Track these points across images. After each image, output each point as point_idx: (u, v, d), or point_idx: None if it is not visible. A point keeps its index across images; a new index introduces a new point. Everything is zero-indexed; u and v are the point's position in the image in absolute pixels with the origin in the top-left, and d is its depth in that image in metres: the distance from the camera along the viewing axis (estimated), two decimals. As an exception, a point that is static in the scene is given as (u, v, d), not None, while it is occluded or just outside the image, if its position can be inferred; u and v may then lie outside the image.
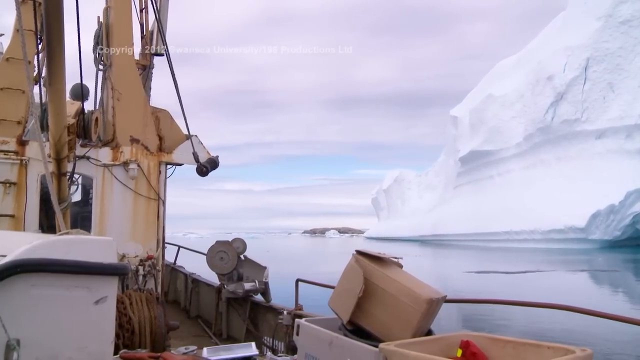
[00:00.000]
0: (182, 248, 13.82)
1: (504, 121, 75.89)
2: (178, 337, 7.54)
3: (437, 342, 3.19)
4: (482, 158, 79.99)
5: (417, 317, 3.33)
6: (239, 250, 9.04)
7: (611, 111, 61.84)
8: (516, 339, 3.06)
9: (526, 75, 74.02)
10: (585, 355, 2.69)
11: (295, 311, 7.15)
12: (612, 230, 58.52)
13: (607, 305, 18.29)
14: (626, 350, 10.60)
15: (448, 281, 28.70)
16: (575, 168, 64.07)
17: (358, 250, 3.72)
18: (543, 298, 20.62)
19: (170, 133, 8.12)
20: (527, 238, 64.21)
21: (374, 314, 3.51)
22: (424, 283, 3.61)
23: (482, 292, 21.28)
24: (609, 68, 62.36)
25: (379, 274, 3.54)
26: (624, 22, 62.03)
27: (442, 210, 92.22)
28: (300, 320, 3.99)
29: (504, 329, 12.69)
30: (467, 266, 41.60)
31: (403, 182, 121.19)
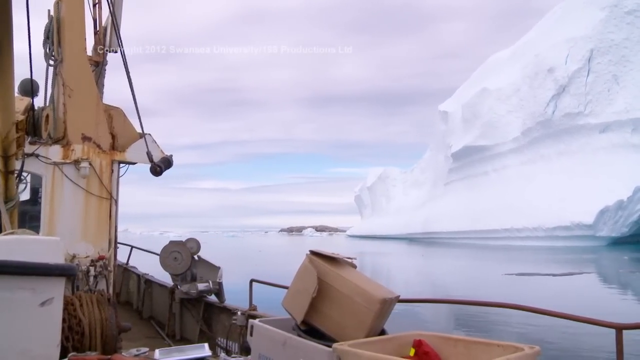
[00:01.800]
0: (135, 248, 13.32)
1: (500, 115, 73.87)
2: (130, 338, 7.32)
3: (391, 341, 3.23)
4: (477, 153, 77.87)
5: (370, 317, 3.37)
6: (192, 251, 8.95)
7: (616, 104, 60.09)
8: (467, 338, 3.13)
9: (523, 69, 72.07)
10: (532, 353, 2.74)
11: (249, 312, 7.15)
12: (619, 226, 56.70)
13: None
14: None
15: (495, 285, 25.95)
16: (577, 163, 62.19)
17: (312, 250, 3.70)
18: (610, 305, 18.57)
19: (123, 131, 7.82)
20: (530, 235, 62.12)
21: (328, 314, 3.53)
22: (377, 283, 3.65)
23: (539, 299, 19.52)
24: (613, 60, 60.61)
25: (333, 274, 3.56)
26: (629, 12, 60.33)
27: (433, 208, 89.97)
28: (254, 320, 4.00)
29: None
30: (475, 265, 39.68)
31: (387, 179, 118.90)
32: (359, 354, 2.87)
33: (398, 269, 38.91)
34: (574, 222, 56.59)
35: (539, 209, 61.04)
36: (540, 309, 4.44)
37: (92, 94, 7.66)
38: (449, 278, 30.44)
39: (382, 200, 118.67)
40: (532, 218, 61.77)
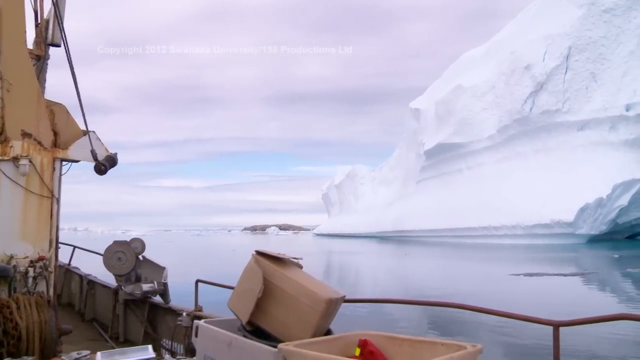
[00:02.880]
0: (77, 248, 12.93)
1: (475, 113, 73.32)
2: (71, 341, 7.25)
3: (336, 341, 3.25)
4: (450, 151, 77.26)
5: (316, 317, 3.38)
6: (137, 251, 8.81)
7: (594, 102, 60.04)
8: (412, 337, 3.15)
9: (498, 66, 71.68)
10: (475, 351, 2.79)
11: (194, 312, 7.05)
12: (599, 224, 56.67)
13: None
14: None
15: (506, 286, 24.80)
16: (555, 161, 61.99)
17: (257, 250, 3.70)
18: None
19: (66, 128, 7.51)
20: (508, 233, 61.56)
21: (274, 314, 3.53)
22: (322, 283, 3.67)
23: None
24: (591, 57, 60.54)
25: (279, 274, 3.55)
26: (606, 10, 60.34)
27: (404, 206, 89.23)
28: (199, 321, 3.95)
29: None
30: (464, 264, 38.91)
31: (356, 177, 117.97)
32: (304, 354, 2.87)
33: (375, 268, 38.12)
34: (554, 220, 56.23)
35: (517, 206, 60.58)
36: (483, 308, 4.48)
37: (32, 89, 7.31)
38: (438, 277, 29.28)
39: (351, 199, 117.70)
40: (510, 216, 61.26)
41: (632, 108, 57.81)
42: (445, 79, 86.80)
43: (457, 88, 76.67)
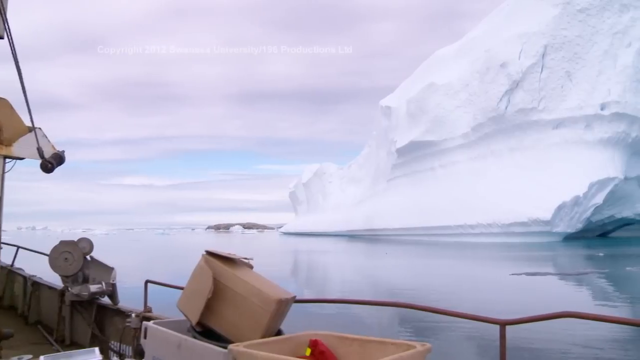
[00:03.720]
0: (21, 248, 12.07)
1: (448, 111, 73.11)
2: (12, 346, 6.89)
3: (287, 341, 3.25)
4: (423, 149, 76.93)
5: (266, 318, 3.38)
6: (84, 251, 8.56)
7: (569, 100, 60.26)
8: (362, 337, 3.16)
9: (472, 64, 71.57)
10: (424, 350, 2.83)
11: (144, 313, 6.87)
12: (575, 222, 56.87)
13: None
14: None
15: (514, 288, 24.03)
16: (530, 159, 62.05)
17: (207, 250, 3.69)
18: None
19: (10, 124, 6.92)
20: (484, 232, 61.33)
21: (224, 315, 3.52)
22: (273, 283, 3.65)
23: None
24: (567, 56, 60.77)
25: (229, 274, 3.56)
26: (581, 10, 60.67)
27: (375, 204, 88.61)
28: (148, 322, 3.94)
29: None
30: (449, 263, 38.32)
31: (324, 175, 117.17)
32: (254, 355, 2.87)
33: (346, 267, 37.18)
34: (531, 218, 56.16)
35: (493, 204, 60.39)
36: (432, 307, 4.58)
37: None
38: (414, 276, 28.43)
39: (319, 197, 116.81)
40: (486, 214, 61.01)
41: (606, 107, 58.26)
42: (417, 77, 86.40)
43: (430, 86, 76.34)
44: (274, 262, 40.70)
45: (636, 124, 58.45)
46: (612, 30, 59.71)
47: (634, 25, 59.54)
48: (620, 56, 59.01)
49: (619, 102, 57.47)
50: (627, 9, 59.93)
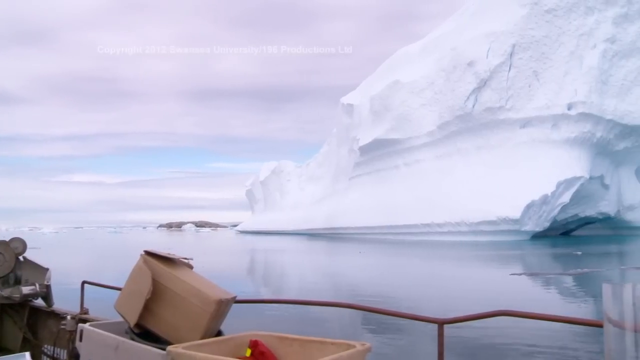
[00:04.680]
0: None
1: (413, 108, 72.90)
2: None
3: (227, 342, 3.26)
4: (387, 147, 76.52)
5: (206, 318, 3.37)
6: (17, 251, 7.88)
7: (537, 100, 60.80)
8: (303, 337, 3.20)
9: (437, 62, 71.58)
10: (364, 349, 2.87)
11: (79, 315, 6.53)
12: (543, 221, 57.40)
13: None
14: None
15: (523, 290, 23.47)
16: (498, 158, 62.31)
17: (146, 250, 3.66)
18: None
19: None
20: (452, 230, 61.25)
21: (163, 316, 3.48)
22: (213, 284, 3.64)
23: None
24: (534, 56, 61.28)
25: (168, 274, 3.51)
26: (549, 10, 61.29)
27: (337, 202, 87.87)
28: (84, 325, 3.82)
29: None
30: (419, 263, 38.04)
31: (282, 173, 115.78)
32: (193, 356, 2.84)
33: (306, 266, 35.94)
34: (500, 216, 56.31)
35: (460, 203, 60.34)
36: (371, 307, 4.58)
37: None
38: (383, 276, 27.76)
39: (276, 195, 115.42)
40: (454, 212, 60.93)
41: (573, 107, 59.01)
42: (380, 74, 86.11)
43: (394, 83, 76.02)
44: (231, 260, 39.75)
45: (601, 125, 59.44)
46: (578, 32, 60.55)
47: (598, 28, 60.52)
48: (585, 57, 59.87)
49: (585, 102, 58.30)
50: (592, 12, 60.88)
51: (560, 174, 57.03)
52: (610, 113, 59.11)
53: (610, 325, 1.30)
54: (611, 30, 60.01)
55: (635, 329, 1.26)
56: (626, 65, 60.20)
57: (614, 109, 59.24)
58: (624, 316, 1.28)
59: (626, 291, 1.27)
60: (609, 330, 1.30)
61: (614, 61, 60.05)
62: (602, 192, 62.01)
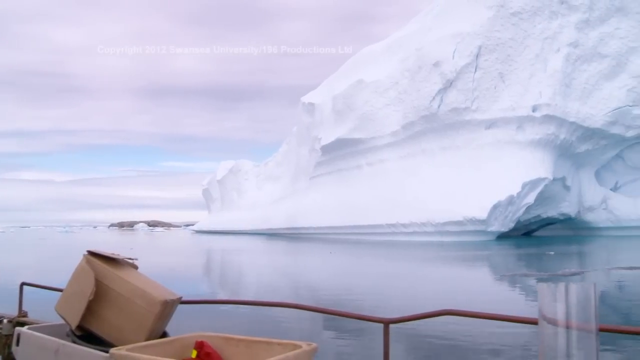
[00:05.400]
0: None
1: (377, 108, 72.72)
2: None
3: (172, 344, 3.22)
4: (350, 146, 76.15)
5: (150, 319, 3.33)
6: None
7: (502, 101, 61.38)
8: (249, 338, 3.21)
9: (402, 62, 71.58)
10: (310, 349, 2.90)
11: (17, 318, 6.28)
12: (508, 221, 57.94)
13: None
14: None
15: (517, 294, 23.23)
16: (463, 158, 62.64)
17: (89, 250, 3.61)
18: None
19: None
20: (418, 230, 61.24)
21: (106, 317, 3.43)
22: (158, 284, 3.60)
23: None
24: (500, 58, 61.87)
25: (112, 275, 3.45)
26: (514, 13, 61.97)
27: (297, 202, 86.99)
28: (22, 328, 3.71)
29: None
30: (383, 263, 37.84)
31: (239, 172, 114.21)
32: (137, 358, 2.82)
33: (266, 266, 35.49)
34: (467, 217, 56.54)
35: (426, 203, 60.40)
36: (318, 307, 4.64)
37: None
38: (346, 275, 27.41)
39: (234, 194, 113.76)
40: (419, 212, 60.92)
41: (538, 109, 59.78)
42: (343, 74, 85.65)
43: (358, 83, 75.71)
44: (186, 261, 39.21)
45: (564, 127, 60.41)
46: (543, 35, 61.41)
47: (562, 32, 61.49)
48: (550, 60, 60.75)
49: (549, 104, 59.13)
50: (556, 16, 61.82)
51: (525, 175, 57.68)
52: (573, 116, 60.12)
53: (545, 322, 1.36)
54: (574, 35, 61.04)
55: (567, 325, 1.32)
56: (588, 70, 61.29)
57: (577, 112, 60.29)
58: (557, 314, 1.34)
59: (559, 290, 1.34)
60: (544, 327, 1.36)
61: (576, 65, 61.10)
62: (563, 194, 63.03)
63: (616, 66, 61.16)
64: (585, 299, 1.36)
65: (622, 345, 10.25)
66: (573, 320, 1.35)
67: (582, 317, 1.35)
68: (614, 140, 63.20)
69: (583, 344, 1.34)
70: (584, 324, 1.35)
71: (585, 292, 1.37)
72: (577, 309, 1.35)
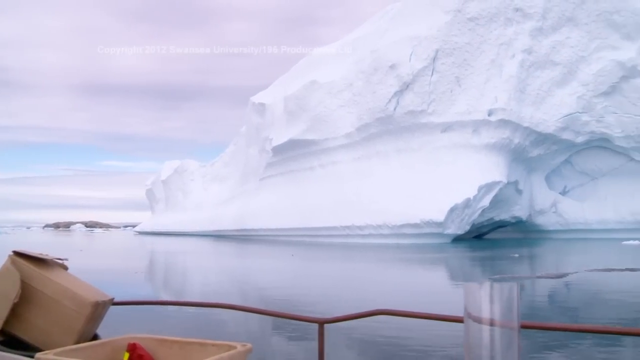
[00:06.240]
0: None
1: (331, 110, 72.23)
2: None
3: (103, 346, 3.12)
4: (302, 148, 75.40)
5: (80, 322, 3.26)
6: None
7: (458, 105, 61.91)
8: (183, 339, 3.16)
9: (357, 64, 71.32)
10: (245, 350, 2.90)
11: None
12: (464, 224, 58.40)
13: None
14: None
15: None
16: (418, 161, 62.85)
17: (15, 250, 3.43)
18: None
19: None
20: (374, 233, 61.00)
21: (33, 321, 3.29)
22: (89, 285, 3.51)
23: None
24: (456, 62, 62.41)
25: (39, 276, 3.31)
26: (471, 18, 62.64)
27: (246, 203, 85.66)
28: None
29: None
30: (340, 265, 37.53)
31: (185, 172, 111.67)
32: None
33: (214, 268, 34.96)
34: (424, 219, 56.66)
35: (382, 205, 60.22)
36: (252, 307, 4.63)
37: None
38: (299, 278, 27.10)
39: (179, 195, 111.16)
40: (375, 215, 60.71)
41: (493, 113, 60.60)
42: (295, 74, 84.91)
43: (311, 84, 75.03)
44: (128, 263, 38.55)
45: (519, 131, 61.48)
46: (499, 41, 62.34)
47: (517, 39, 62.59)
48: (505, 66, 61.73)
49: (504, 109, 60.04)
50: (511, 23, 62.88)
51: (481, 178, 58.28)
52: (527, 121, 61.24)
53: (470, 320, 1.42)
54: (528, 41, 62.22)
55: (491, 323, 1.39)
56: (541, 76, 62.61)
57: (531, 117, 61.45)
58: (481, 312, 1.40)
59: (484, 289, 1.40)
60: (469, 325, 1.42)
61: (530, 71, 62.30)
62: (516, 197, 64.15)
63: (567, 74, 62.74)
64: (509, 298, 1.41)
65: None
66: (497, 318, 1.40)
67: (506, 315, 1.40)
68: (564, 146, 64.85)
69: (506, 340, 1.40)
70: (507, 322, 1.40)
71: (508, 291, 1.42)
72: (501, 308, 1.40)
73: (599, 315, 15.87)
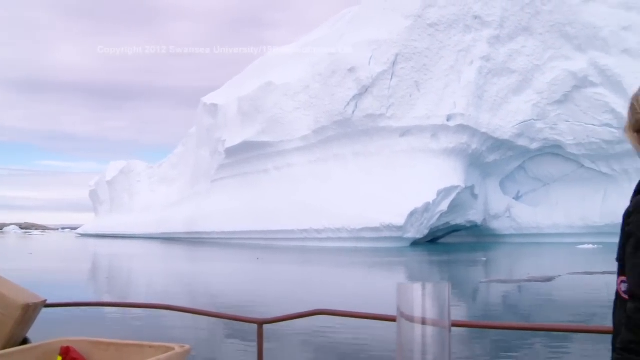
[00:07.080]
0: None
1: (287, 112, 71.44)
2: None
3: (34, 350, 3.05)
4: (257, 150, 74.29)
5: (9, 325, 3.16)
6: None
7: (417, 109, 62.14)
8: (119, 341, 3.11)
9: (314, 66, 70.75)
10: (183, 351, 2.86)
11: None
12: (423, 228, 58.56)
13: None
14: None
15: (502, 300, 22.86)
16: (376, 165, 62.71)
17: None
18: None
19: None
20: (332, 236, 60.46)
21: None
22: (20, 287, 3.40)
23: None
24: (416, 67, 62.66)
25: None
26: (431, 24, 63.03)
27: (197, 205, 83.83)
28: None
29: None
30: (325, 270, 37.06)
31: (131, 173, 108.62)
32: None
33: (163, 271, 34.33)
34: (384, 223, 56.44)
35: (340, 209, 59.70)
36: (190, 308, 4.62)
37: None
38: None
39: (125, 196, 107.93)
40: (333, 218, 60.15)
41: (452, 119, 61.07)
42: (249, 75, 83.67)
43: (267, 85, 74.05)
44: (72, 265, 36.73)
45: (476, 137, 62.18)
46: (458, 48, 62.94)
47: (475, 46, 63.35)
48: (464, 72, 62.35)
49: (463, 115, 60.61)
50: (470, 30, 63.62)
51: (440, 183, 58.58)
52: (484, 126, 61.99)
53: (403, 319, 1.46)
54: (486, 49, 63.06)
55: (422, 322, 1.43)
56: (498, 83, 63.56)
57: (488, 123, 62.25)
58: (413, 311, 1.43)
59: (416, 289, 1.44)
60: (402, 323, 1.46)
61: (488, 78, 63.14)
62: (471, 202, 64.82)
63: (523, 81, 63.90)
64: (440, 298, 1.44)
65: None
66: (428, 317, 1.43)
67: (437, 314, 1.43)
68: (519, 152, 66.04)
69: (437, 338, 1.43)
70: (438, 321, 1.43)
71: (440, 291, 1.45)
72: (432, 307, 1.43)
73: (599, 315, 15.74)
